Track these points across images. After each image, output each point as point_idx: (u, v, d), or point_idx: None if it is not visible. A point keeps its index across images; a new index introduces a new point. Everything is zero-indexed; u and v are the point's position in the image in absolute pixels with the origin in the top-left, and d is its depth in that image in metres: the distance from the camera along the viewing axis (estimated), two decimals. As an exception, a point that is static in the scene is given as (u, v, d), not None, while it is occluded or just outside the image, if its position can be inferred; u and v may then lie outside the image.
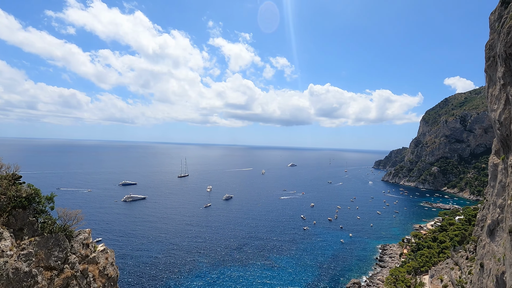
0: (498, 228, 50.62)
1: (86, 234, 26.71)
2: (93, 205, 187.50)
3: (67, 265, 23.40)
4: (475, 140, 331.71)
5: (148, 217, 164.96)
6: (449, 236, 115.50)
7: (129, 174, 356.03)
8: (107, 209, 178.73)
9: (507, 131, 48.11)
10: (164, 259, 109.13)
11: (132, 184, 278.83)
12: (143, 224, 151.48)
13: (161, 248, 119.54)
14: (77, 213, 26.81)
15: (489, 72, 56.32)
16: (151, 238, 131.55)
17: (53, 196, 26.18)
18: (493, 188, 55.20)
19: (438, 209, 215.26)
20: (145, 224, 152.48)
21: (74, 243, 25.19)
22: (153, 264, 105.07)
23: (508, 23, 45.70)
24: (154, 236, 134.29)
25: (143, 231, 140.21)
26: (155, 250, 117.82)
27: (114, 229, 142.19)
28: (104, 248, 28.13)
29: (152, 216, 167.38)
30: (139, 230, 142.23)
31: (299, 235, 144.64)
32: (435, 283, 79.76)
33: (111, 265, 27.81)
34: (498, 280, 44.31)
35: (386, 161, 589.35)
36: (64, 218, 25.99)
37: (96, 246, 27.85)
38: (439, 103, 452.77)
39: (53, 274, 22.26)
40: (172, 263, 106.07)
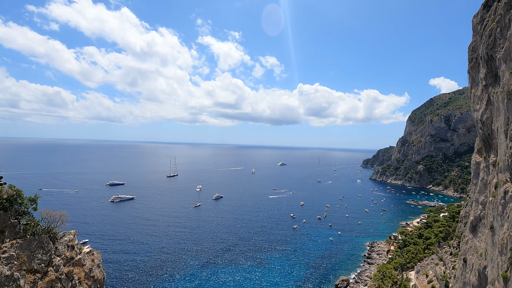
0: (480, 224, 52.32)
1: (71, 236, 26.03)
2: (79, 206, 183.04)
3: (51, 267, 22.73)
4: (459, 139, 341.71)
5: (136, 218, 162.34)
6: (434, 233, 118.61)
7: (116, 174, 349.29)
8: (93, 210, 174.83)
9: (489, 131, 49.75)
10: (153, 260, 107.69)
11: (119, 184, 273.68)
12: (131, 225, 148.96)
13: (149, 249, 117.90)
14: (61, 214, 26.08)
15: (472, 73, 58.06)
16: (139, 239, 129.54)
17: (37, 197, 25.38)
18: (476, 186, 57.01)
19: (423, 206, 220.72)
20: (133, 224, 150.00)
21: (59, 245, 24.50)
22: (141, 265, 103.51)
23: (489, 26, 47.22)
24: (142, 237, 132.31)
25: (131, 232, 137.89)
26: (143, 251, 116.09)
27: (101, 230, 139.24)
28: (90, 249, 27.48)
29: (140, 217, 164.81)
30: (127, 231, 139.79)
31: (289, 233, 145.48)
32: (420, 279, 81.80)
33: (98, 267, 27.21)
34: (480, 274, 45.81)
35: (374, 160, 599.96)
36: (48, 220, 25.23)
37: (82, 248, 27.18)
38: (425, 103, 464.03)
39: (37, 277, 21.58)
40: (161, 264, 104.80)
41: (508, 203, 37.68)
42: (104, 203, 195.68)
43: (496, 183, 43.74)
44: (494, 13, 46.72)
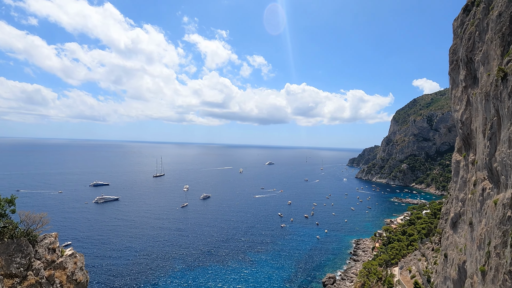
0: (460, 221, 54.24)
1: (52, 238, 25.16)
2: (61, 207, 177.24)
3: (31, 271, 21.91)
4: (440, 138, 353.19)
5: (121, 219, 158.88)
6: (417, 229, 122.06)
7: (100, 174, 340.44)
8: (76, 212, 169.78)
9: (468, 130, 51.61)
10: (139, 262, 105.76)
11: (104, 184, 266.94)
12: (116, 226, 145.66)
13: (135, 251, 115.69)
14: (42, 216, 25.15)
15: (452, 75, 60.02)
16: (124, 240, 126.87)
17: (14, 198, 24.37)
18: (456, 184, 59.04)
19: (407, 204, 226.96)
20: (118, 226, 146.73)
21: (39, 248, 23.64)
22: (127, 267, 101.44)
23: (469, 30, 48.93)
24: (127, 238, 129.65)
25: (115, 233, 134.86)
26: (128, 252, 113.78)
27: (84, 232, 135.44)
28: (73, 252, 26.66)
29: (125, 218, 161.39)
30: (111, 232, 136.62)
31: (276, 232, 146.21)
32: (404, 274, 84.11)
33: (80, 270, 26.44)
34: (460, 268, 47.51)
35: (360, 159, 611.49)
36: (27, 222, 24.28)
37: (64, 251, 26.33)
38: (408, 104, 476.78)
39: (15, 282, 20.74)
40: (146, 266, 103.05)
41: (486, 200, 39.25)
42: (87, 204, 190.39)
43: (474, 180, 45.46)
44: (473, 17, 48.47)
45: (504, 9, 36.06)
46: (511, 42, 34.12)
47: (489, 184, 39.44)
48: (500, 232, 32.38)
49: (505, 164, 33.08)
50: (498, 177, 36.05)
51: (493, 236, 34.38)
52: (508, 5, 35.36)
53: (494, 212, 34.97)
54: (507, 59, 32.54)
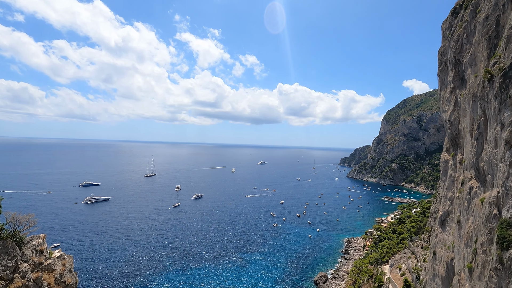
0: (448, 219, 55.37)
1: (40, 240, 24.62)
2: (50, 208, 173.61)
3: (18, 274, 21.38)
4: (429, 138, 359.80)
5: (112, 219, 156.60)
6: (406, 228, 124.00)
7: (91, 174, 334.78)
8: (66, 212, 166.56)
9: (456, 130, 52.71)
10: (130, 263, 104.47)
11: (94, 185, 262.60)
12: (107, 227, 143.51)
13: (126, 252, 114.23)
14: (29, 217, 24.55)
15: (441, 76, 61.18)
16: (115, 241, 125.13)
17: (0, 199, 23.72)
18: (444, 183, 60.23)
19: (397, 203, 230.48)
20: (109, 226, 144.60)
21: (26, 250, 23.09)
22: (117, 269, 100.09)
23: (457, 32, 49.96)
24: (118, 239, 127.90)
25: (106, 235, 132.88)
26: (119, 253, 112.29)
27: (73, 233, 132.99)
28: (61, 254, 26.14)
29: (116, 218, 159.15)
30: (101, 233, 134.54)
31: (269, 232, 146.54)
32: (394, 272, 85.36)
33: (69, 272, 25.95)
34: (448, 266, 48.50)
35: (351, 158, 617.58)
36: (14, 223, 23.67)
37: (52, 252, 25.78)
38: (398, 104, 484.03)
39: (1, 285, 20.24)
40: (137, 267, 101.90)
41: (473, 198, 40.17)
42: (77, 205, 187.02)
43: (462, 179, 46.48)
44: (461, 20, 49.52)
45: (491, 12, 36.95)
46: (497, 44, 34.99)
47: (476, 183, 40.37)
48: (486, 229, 33.19)
49: (491, 163, 33.90)
50: (484, 176, 36.93)
51: (479, 233, 35.22)
52: (494, 8, 36.24)
53: (480, 210, 35.81)
54: (494, 61, 33.34)
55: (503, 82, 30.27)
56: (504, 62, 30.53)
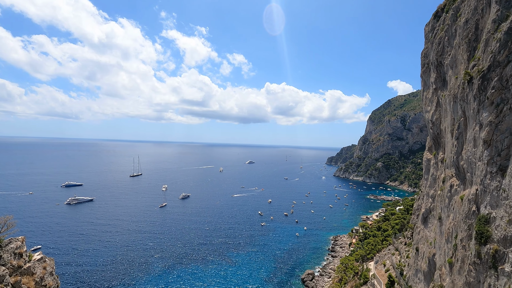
0: (430, 216, 57.10)
1: (19, 243, 23.69)
2: (30, 209, 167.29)
3: (-5, 279, 20.49)
4: (413, 138, 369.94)
5: (96, 221, 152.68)
6: (391, 225, 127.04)
7: (73, 174, 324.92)
8: (47, 214, 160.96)
9: (438, 130, 54.38)
10: (114, 265, 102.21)
11: (77, 185, 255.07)
12: (90, 228, 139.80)
13: (110, 253, 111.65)
14: (7, 219, 23.60)
15: (424, 77, 62.91)
16: (99, 243, 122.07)
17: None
18: (427, 181, 62.07)
19: (382, 200, 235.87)
20: (92, 228, 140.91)
21: (4, 253, 22.17)
22: (101, 271, 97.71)
23: (439, 35, 51.48)
24: (102, 240, 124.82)
25: (89, 236, 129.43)
26: (103, 256, 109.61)
27: (55, 235, 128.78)
28: (42, 256, 25.25)
29: (100, 219, 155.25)
30: (85, 235, 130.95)
31: (256, 231, 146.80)
32: (379, 268, 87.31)
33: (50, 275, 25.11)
34: (430, 261, 50.05)
35: (338, 157, 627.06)
36: (-9, 226, 22.70)
37: (32, 255, 24.88)
38: (383, 104, 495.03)
39: (-23, 290, 19.35)
40: (123, 269, 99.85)
41: (453, 196, 41.61)
42: (59, 206, 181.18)
43: (443, 178, 48.03)
44: (443, 23, 51.08)
45: (470, 16, 38.28)
46: (476, 47, 36.31)
47: (456, 181, 41.81)
48: (466, 225, 34.45)
49: (471, 162, 35.20)
50: (464, 174, 38.31)
51: (459, 229, 36.53)
52: (473, 13, 37.57)
53: (460, 207, 37.14)
54: (473, 63, 34.59)
55: (482, 83, 31.45)
56: (483, 65, 31.74)
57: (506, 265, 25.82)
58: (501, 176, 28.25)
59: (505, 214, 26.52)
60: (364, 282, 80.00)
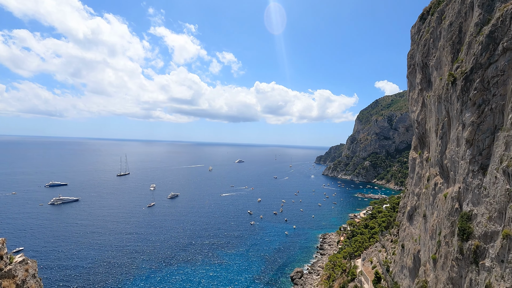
0: (415, 213, 58.55)
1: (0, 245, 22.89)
2: (12, 210, 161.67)
3: (-26, 282, 19.73)
4: (399, 137, 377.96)
5: (81, 221, 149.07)
6: (378, 223, 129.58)
7: (58, 174, 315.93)
8: (30, 215, 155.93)
9: (423, 130, 55.73)
10: (101, 266, 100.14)
11: (62, 185, 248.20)
12: (75, 229, 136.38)
13: (96, 254, 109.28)
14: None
15: (410, 78, 64.32)
16: (84, 244, 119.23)
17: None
18: (412, 179, 63.57)
19: (369, 199, 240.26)
20: (78, 229, 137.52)
21: (-16, 256, 21.37)
22: (87, 272, 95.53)
23: (424, 37, 52.71)
24: (88, 241, 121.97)
25: (75, 237, 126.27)
26: (89, 257, 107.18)
27: (38, 237, 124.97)
28: (24, 259, 24.47)
29: (86, 220, 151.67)
30: (70, 236, 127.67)
31: (246, 230, 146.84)
32: (366, 265, 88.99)
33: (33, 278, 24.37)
34: (415, 257, 51.33)
35: (326, 156, 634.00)
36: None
37: (13, 257, 24.08)
38: (371, 104, 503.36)
39: (-46, 295, 18.57)
40: (109, 270, 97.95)
41: (438, 193, 42.79)
42: (42, 206, 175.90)
43: (428, 176, 49.30)
44: (428, 25, 52.33)
45: (454, 19, 39.36)
46: (460, 49, 37.37)
47: (440, 179, 42.99)
48: (449, 222, 35.49)
49: (454, 161, 36.26)
50: (448, 173, 39.42)
51: (443, 226, 37.60)
52: (457, 16, 38.64)
53: (444, 204, 38.23)
54: (456, 65, 35.60)
55: (465, 85, 32.41)
56: (466, 67, 32.71)
57: (486, 260, 26.78)
58: (482, 175, 29.24)
59: (486, 211, 27.48)
60: (351, 279, 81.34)
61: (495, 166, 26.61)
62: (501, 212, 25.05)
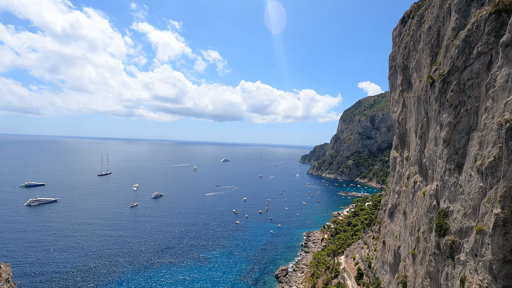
0: (396, 211, 60.38)
1: (-29, 249, 21.68)
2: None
3: None
4: (381, 137, 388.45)
5: (60, 223, 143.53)
6: (360, 220, 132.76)
7: (34, 173, 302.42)
8: (3, 217, 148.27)
9: (403, 130, 57.50)
10: (80, 270, 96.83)
11: (38, 185, 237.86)
12: (53, 231, 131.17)
13: (75, 257, 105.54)
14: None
15: (391, 80, 66.15)
16: (63, 246, 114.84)
17: None
18: (393, 178, 65.49)
19: (352, 197, 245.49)
20: (55, 231, 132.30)
21: (-48, 261, 20.14)
22: (64, 279, 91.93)
23: (405, 39, 54.33)
24: (66, 245, 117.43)
25: (52, 239, 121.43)
26: (67, 260, 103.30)
27: (12, 239, 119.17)
28: (-3, 263, 23.32)
29: (65, 221, 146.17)
30: (47, 238, 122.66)
31: (231, 229, 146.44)
32: (349, 262, 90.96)
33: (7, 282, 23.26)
34: (395, 253, 52.95)
35: (311, 155, 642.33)
36: None
37: (-14, 262, 22.87)
38: (354, 104, 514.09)
39: None
40: (89, 273, 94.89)
41: (417, 191, 44.32)
42: (18, 207, 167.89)
43: (408, 175, 50.97)
44: (409, 28, 54.02)
45: (433, 23, 40.81)
46: (438, 52, 38.81)
47: (419, 177, 44.54)
48: (427, 219, 36.85)
49: (432, 159, 37.66)
50: (426, 171, 40.90)
51: (421, 223, 38.99)
52: (436, 20, 40.09)
53: (423, 202, 39.66)
54: (435, 68, 36.95)
55: (443, 87, 33.70)
56: (443, 69, 34.00)
57: (461, 254, 28.01)
58: (458, 173, 30.53)
59: (461, 207, 28.73)
60: (335, 275, 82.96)
61: (470, 165, 27.86)
62: (475, 208, 26.27)
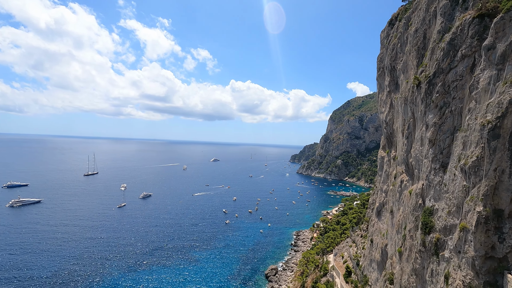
0: (383, 209, 61.52)
1: None
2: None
3: None
4: (369, 137, 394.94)
5: (44, 225, 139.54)
6: (349, 219, 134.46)
7: (17, 173, 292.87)
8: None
9: (391, 130, 58.61)
10: (65, 272, 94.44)
11: (22, 185, 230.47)
12: (37, 233, 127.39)
13: (61, 259, 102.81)
14: None
15: (379, 81, 67.30)
16: (47, 248, 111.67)
17: None
18: (380, 177, 66.68)
19: (341, 196, 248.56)
20: (40, 233, 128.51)
21: None
22: (48, 283, 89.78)
23: (393, 41, 55.37)
24: (51, 246, 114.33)
25: (36, 241, 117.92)
26: (52, 262, 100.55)
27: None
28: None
29: (49, 222, 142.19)
30: (30, 240, 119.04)
31: (221, 229, 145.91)
32: (338, 260, 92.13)
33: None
34: (383, 251, 53.94)
35: (301, 155, 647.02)
36: None
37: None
38: (343, 105, 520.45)
39: None
40: (75, 276, 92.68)
41: (403, 190, 45.28)
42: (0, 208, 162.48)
43: (395, 174, 52.01)
44: (396, 31, 55.07)
45: (420, 26, 41.76)
46: (424, 54, 39.74)
47: (406, 176, 45.51)
48: (413, 217, 37.70)
49: (418, 159, 38.55)
50: (412, 171, 41.83)
51: (408, 221, 39.86)
52: (422, 23, 41.03)
53: (409, 200, 40.55)
54: (421, 69, 37.83)
55: (428, 88, 34.54)
56: (429, 71, 34.86)
57: (446, 251, 28.80)
58: (443, 172, 31.37)
59: (446, 206, 29.53)
60: (324, 274, 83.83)
61: (454, 164, 28.67)
62: (459, 206, 27.07)
